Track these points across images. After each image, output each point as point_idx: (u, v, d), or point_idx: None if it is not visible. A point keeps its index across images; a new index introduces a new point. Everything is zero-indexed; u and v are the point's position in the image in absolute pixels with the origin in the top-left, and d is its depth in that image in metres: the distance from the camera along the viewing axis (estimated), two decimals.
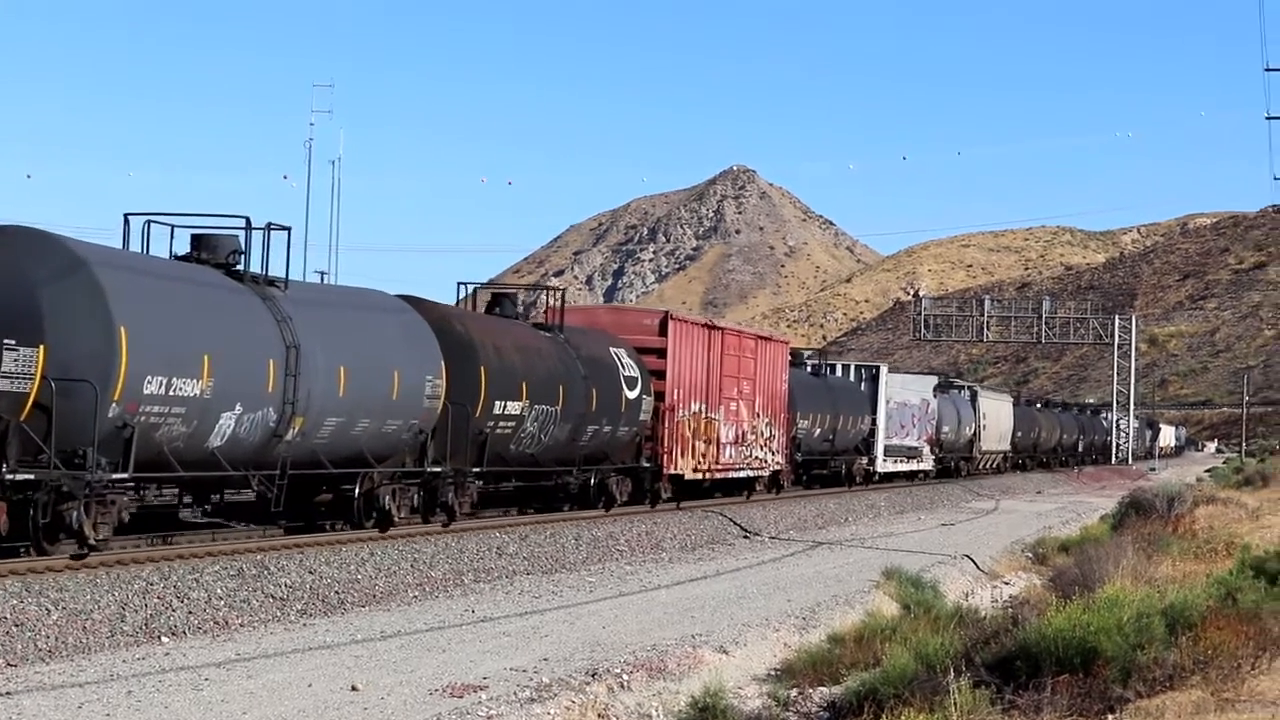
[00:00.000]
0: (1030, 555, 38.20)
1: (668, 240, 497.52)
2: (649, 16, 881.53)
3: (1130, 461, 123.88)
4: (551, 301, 37.66)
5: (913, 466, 68.62)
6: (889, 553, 35.34)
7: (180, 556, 23.07)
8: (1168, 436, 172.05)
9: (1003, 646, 17.04)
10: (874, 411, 63.35)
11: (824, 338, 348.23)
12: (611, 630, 21.63)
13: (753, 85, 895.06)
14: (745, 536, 39.53)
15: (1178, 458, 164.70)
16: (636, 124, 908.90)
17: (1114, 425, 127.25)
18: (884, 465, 64.91)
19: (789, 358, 52.66)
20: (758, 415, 47.56)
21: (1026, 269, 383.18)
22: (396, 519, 28.87)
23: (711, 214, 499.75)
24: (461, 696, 16.24)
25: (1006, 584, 32.59)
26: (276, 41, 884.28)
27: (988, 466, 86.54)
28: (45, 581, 19.75)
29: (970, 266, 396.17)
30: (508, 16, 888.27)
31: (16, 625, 18.15)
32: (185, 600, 20.82)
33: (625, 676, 17.98)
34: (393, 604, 23.87)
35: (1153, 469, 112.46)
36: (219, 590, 21.61)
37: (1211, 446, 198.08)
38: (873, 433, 63.22)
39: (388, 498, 28.67)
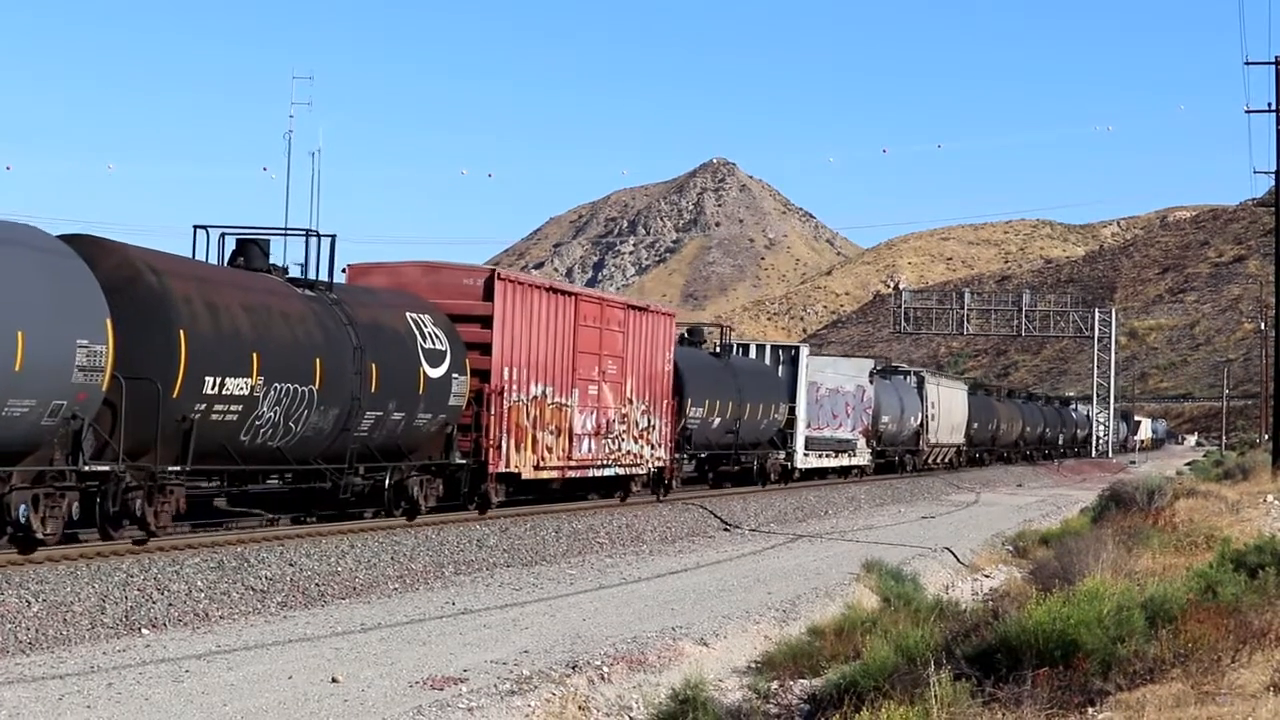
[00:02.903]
0: (1010, 548, 38.28)
1: (648, 233, 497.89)
2: (630, 9, 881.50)
3: (1111, 455, 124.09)
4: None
5: (843, 462, 61.19)
6: (869, 545, 35.39)
7: (160, 549, 23.02)
8: (1145, 429, 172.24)
9: (983, 639, 17.05)
10: (793, 399, 54.69)
11: (804, 330, 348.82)
12: (592, 622, 21.63)
13: (733, 78, 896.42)
14: (725, 529, 39.54)
15: (1158, 451, 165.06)
16: (617, 116, 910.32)
17: (1092, 418, 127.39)
18: (806, 460, 56.53)
19: (675, 334, 44.22)
20: (630, 401, 39.48)
21: (1006, 262, 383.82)
22: (41, 534, 21.20)
23: (691, 206, 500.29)
24: (442, 689, 16.23)
25: (987, 577, 32.66)
26: (256, 33, 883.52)
27: (938, 461, 78.90)
28: (26, 573, 19.71)
29: (950, 259, 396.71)
30: (489, 9, 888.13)
31: None
32: (165, 592, 20.78)
33: (605, 669, 17.99)
34: (373, 596, 23.84)
35: (1133, 462, 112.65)
36: (199, 582, 21.58)
37: (1191, 440, 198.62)
38: (791, 423, 54.61)
39: (24, 508, 20.84)
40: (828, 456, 59.45)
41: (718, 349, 51.77)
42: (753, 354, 55.96)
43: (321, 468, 27.67)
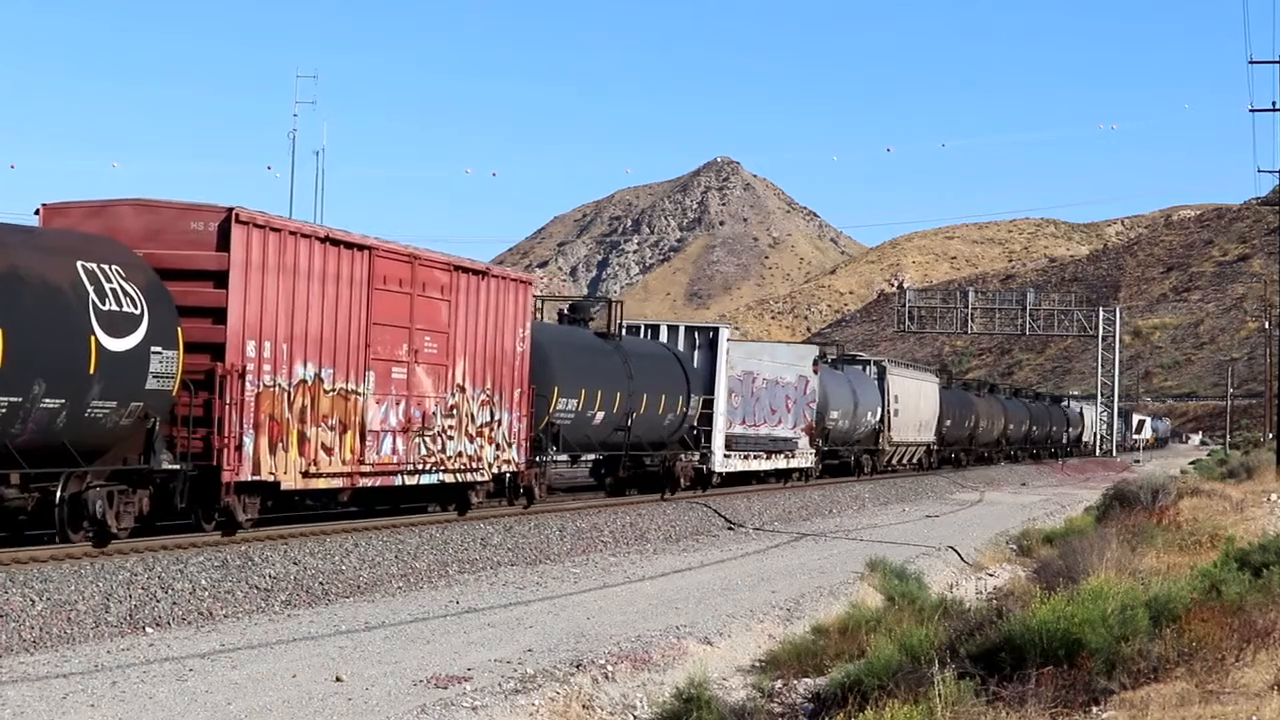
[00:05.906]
0: (1014, 547, 38.25)
1: (652, 231, 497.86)
2: (634, 8, 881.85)
3: (1115, 454, 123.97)
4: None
5: (778, 464, 52.22)
6: (873, 544, 35.37)
7: (165, 548, 23.01)
8: (1146, 428, 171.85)
9: (987, 638, 17.05)
10: (710, 390, 46.06)
11: (809, 329, 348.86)
12: (596, 621, 21.64)
13: (737, 77, 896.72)
14: (730, 528, 39.52)
15: (1161, 449, 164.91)
16: (621, 115, 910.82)
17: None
18: (727, 463, 47.55)
19: (530, 305, 34.83)
20: (461, 389, 31.15)
21: (1010, 261, 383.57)
22: None
23: (695, 205, 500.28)
24: (446, 687, 16.23)
25: (991, 576, 32.64)
26: (260, 32, 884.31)
27: (903, 462, 70.92)
28: (29, 572, 19.71)
29: (954, 258, 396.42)
30: (493, 8, 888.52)
31: (1, 616, 18.12)
32: (170, 591, 20.78)
33: (610, 667, 17.99)
34: (377, 595, 23.84)
35: (1137, 461, 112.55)
36: (203, 581, 21.58)
37: (1196, 439, 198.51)
38: (708, 419, 45.87)
39: None
40: (757, 458, 50.66)
41: (621, 331, 43.14)
42: (663, 336, 47.36)
43: None
